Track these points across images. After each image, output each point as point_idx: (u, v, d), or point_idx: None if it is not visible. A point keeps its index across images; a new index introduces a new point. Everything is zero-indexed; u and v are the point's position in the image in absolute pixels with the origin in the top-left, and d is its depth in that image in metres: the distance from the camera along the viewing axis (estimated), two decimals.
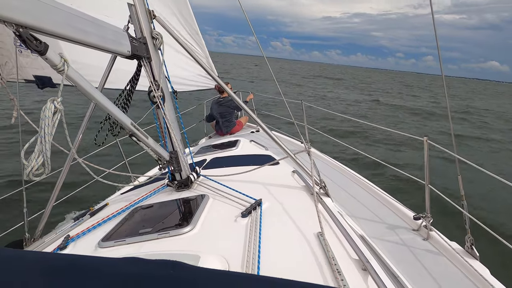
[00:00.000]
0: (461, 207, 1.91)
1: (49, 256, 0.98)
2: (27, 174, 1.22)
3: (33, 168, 1.23)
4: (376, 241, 1.96)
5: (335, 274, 1.16)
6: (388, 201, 2.56)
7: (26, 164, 1.21)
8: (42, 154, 1.23)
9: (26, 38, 1.09)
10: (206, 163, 2.94)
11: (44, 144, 1.22)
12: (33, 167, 1.22)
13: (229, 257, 1.30)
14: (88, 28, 1.41)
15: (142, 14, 1.92)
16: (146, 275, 0.68)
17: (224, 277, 0.75)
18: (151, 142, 1.95)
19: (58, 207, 2.50)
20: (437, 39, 1.74)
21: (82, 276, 0.69)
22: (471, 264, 1.70)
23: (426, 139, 2.08)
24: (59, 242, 1.69)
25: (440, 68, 1.74)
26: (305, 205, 1.83)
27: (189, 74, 4.73)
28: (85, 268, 0.71)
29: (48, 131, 1.22)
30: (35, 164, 1.22)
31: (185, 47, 2.15)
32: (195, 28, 4.45)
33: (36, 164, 1.23)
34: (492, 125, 15.77)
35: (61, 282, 0.68)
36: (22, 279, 0.68)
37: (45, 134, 1.22)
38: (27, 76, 2.95)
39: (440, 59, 1.77)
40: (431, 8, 1.78)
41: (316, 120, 12.02)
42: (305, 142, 3.01)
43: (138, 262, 0.74)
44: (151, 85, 1.98)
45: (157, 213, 1.86)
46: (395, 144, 9.33)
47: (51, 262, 0.76)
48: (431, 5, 1.78)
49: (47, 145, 1.23)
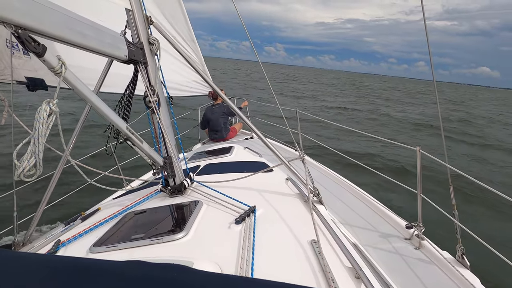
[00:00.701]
0: (453, 216, 1.93)
1: (46, 258, 0.97)
2: (18, 175, 1.21)
3: (25, 169, 1.21)
4: (369, 249, 1.97)
5: (328, 282, 1.16)
6: (380, 209, 2.58)
7: (18, 165, 1.20)
8: (34, 156, 1.22)
9: (25, 39, 1.09)
10: (200, 169, 2.93)
11: (38, 146, 1.21)
12: (25, 168, 1.21)
13: (222, 263, 1.30)
14: (87, 31, 1.42)
15: (139, 19, 1.93)
16: (149, 278, 0.68)
17: (228, 281, 0.75)
18: (146, 147, 1.94)
19: (49, 211, 2.46)
20: (429, 46, 1.77)
21: (84, 279, 0.68)
22: (462, 273, 1.72)
23: (419, 148, 2.11)
24: (49, 247, 1.66)
25: (432, 73, 1.77)
26: (298, 213, 1.83)
27: (184, 80, 4.74)
28: (83, 270, 0.71)
29: (42, 133, 1.22)
30: (27, 165, 1.21)
31: (182, 53, 2.16)
32: (191, 35, 4.47)
33: (28, 165, 1.21)
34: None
35: (61, 284, 0.67)
36: (18, 281, 0.67)
37: (38, 135, 1.21)
38: (19, 78, 2.92)
39: (431, 64, 1.80)
40: (423, 14, 1.81)
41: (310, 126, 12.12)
42: (299, 149, 3.03)
43: (142, 264, 0.74)
44: (146, 90, 1.98)
45: (150, 219, 1.84)
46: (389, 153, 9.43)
47: (51, 264, 0.75)
48: (423, 12, 1.80)
49: (40, 146, 1.22)
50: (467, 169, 8.40)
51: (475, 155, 10.63)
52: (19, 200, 1.85)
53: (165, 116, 2.12)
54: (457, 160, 9.55)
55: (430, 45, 1.77)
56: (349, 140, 11.06)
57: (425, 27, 1.77)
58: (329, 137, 11.12)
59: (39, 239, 1.82)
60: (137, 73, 1.99)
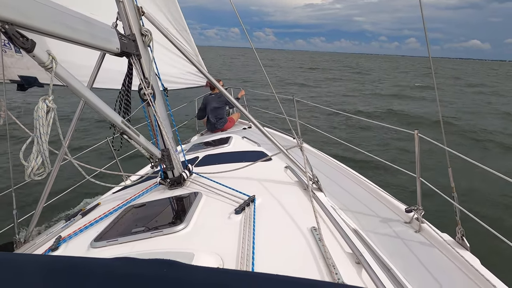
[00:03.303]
0: (452, 199, 1.94)
1: (40, 259, 0.97)
2: (28, 175, 1.24)
3: (34, 169, 1.24)
4: (369, 234, 1.98)
5: (329, 268, 1.17)
6: (380, 194, 2.59)
7: (26, 165, 1.22)
8: (40, 154, 1.24)
9: (12, 35, 1.07)
10: (198, 160, 2.93)
11: (42, 144, 1.23)
12: (33, 168, 1.24)
13: (223, 254, 1.30)
14: (76, 25, 1.39)
15: (130, 10, 1.89)
16: (139, 275, 0.67)
17: (219, 275, 0.75)
18: (143, 140, 1.93)
19: (49, 208, 2.46)
20: (425, 27, 1.75)
21: (75, 278, 0.68)
22: (462, 255, 1.74)
23: (417, 132, 2.11)
24: (50, 243, 1.67)
25: (427, 50, 1.74)
26: (298, 200, 1.84)
27: (178, 72, 4.70)
28: (77, 269, 0.70)
29: (44, 131, 1.22)
30: (35, 165, 1.24)
31: (175, 44, 2.13)
32: (183, 25, 4.41)
33: (36, 164, 1.24)
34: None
35: (54, 284, 0.67)
36: (13, 283, 0.67)
37: (40, 134, 1.21)
38: (12, 76, 2.88)
39: (427, 41, 1.77)
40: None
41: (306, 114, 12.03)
42: (297, 137, 3.02)
43: (130, 262, 0.74)
44: (141, 83, 1.96)
45: (150, 212, 1.85)
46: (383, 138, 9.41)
47: (42, 264, 0.75)
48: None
49: (44, 144, 1.23)
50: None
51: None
52: (17, 198, 1.85)
53: (161, 109, 2.10)
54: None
55: (421, 21, 1.75)
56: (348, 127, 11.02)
57: (420, 5, 1.74)
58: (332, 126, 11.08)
59: (40, 236, 1.82)
60: (131, 66, 1.97)
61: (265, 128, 2.29)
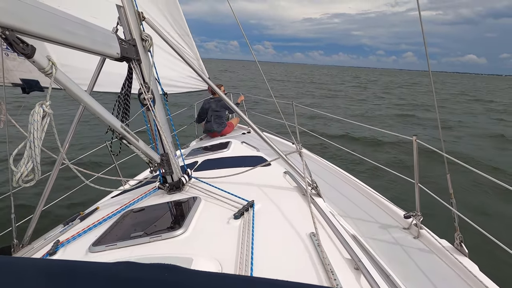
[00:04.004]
0: (450, 205, 1.94)
1: (39, 262, 0.97)
2: (17, 181, 1.19)
3: (23, 174, 1.19)
4: (368, 240, 1.98)
5: (328, 274, 1.17)
6: (378, 200, 2.59)
7: (15, 170, 1.18)
8: (31, 160, 1.20)
9: (13, 40, 1.07)
10: (197, 165, 2.93)
11: (34, 149, 1.19)
12: (23, 173, 1.19)
13: (222, 259, 1.30)
14: (77, 30, 1.40)
15: (131, 15, 1.90)
16: (140, 279, 0.67)
17: (219, 279, 0.75)
18: (142, 144, 1.93)
19: (47, 212, 2.46)
20: (424, 39, 1.77)
21: (74, 282, 0.68)
22: (461, 261, 1.73)
23: (415, 138, 2.11)
24: (48, 247, 1.66)
25: (427, 63, 1.76)
26: (297, 206, 1.84)
27: (179, 75, 4.71)
28: (76, 273, 0.70)
29: (37, 136, 1.19)
30: (24, 170, 1.19)
31: (175, 49, 2.14)
32: (186, 30, 4.43)
33: (25, 170, 1.19)
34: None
35: None
36: (11, 287, 0.67)
37: (34, 139, 1.19)
38: (14, 80, 2.89)
39: (427, 53, 1.79)
40: (418, 5, 1.80)
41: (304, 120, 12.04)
42: (296, 143, 3.03)
43: (132, 266, 0.74)
44: (141, 87, 1.97)
45: (148, 216, 1.84)
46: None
47: (41, 268, 0.74)
48: (418, 5, 1.80)
49: (36, 150, 1.20)
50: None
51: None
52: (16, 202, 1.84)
53: (161, 113, 2.11)
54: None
55: (418, 35, 1.77)
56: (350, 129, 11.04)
57: (420, 18, 1.76)
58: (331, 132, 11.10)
59: (38, 240, 1.81)
60: (131, 71, 1.97)
61: (264, 133, 2.29)
